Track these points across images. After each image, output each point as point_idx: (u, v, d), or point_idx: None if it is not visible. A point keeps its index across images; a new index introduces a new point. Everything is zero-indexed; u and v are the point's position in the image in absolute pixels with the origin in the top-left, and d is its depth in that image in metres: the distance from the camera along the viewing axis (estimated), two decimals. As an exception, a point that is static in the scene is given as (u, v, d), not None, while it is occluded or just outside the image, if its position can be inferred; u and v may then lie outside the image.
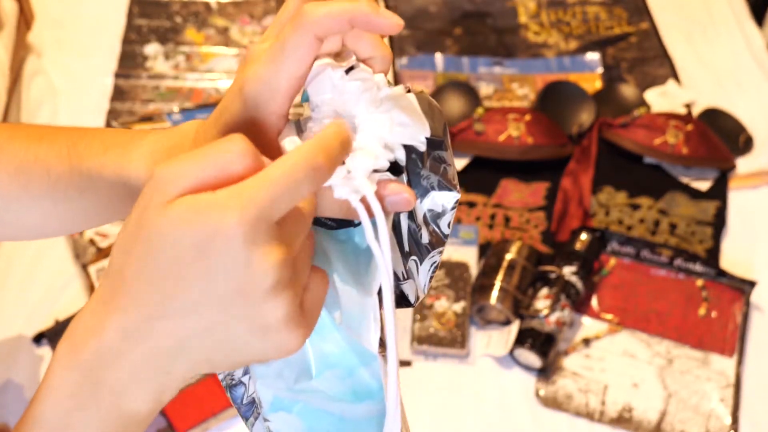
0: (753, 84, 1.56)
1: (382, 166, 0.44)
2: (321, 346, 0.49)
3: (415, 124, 0.43)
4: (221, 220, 0.36)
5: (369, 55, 0.44)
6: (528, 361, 1.16)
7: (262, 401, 0.49)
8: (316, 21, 0.41)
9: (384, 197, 0.43)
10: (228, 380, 0.50)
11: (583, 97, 1.48)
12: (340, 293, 0.46)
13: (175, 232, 0.37)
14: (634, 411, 1.13)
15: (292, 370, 0.49)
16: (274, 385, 0.49)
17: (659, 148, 1.39)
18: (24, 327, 1.19)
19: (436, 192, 0.47)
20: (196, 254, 0.37)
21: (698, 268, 1.25)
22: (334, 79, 0.43)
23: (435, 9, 1.70)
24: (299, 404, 0.50)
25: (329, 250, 0.47)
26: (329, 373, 0.49)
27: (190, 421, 1.08)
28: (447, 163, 0.46)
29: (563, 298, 1.17)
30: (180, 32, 1.63)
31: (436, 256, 0.48)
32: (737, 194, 1.38)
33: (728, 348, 1.19)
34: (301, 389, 0.49)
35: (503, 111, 1.42)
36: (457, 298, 1.21)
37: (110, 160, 0.53)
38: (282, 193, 0.37)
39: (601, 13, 1.70)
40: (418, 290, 0.50)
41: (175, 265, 0.38)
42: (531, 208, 1.36)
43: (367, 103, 0.43)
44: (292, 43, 0.42)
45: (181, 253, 0.37)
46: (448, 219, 0.48)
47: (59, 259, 1.27)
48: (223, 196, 0.37)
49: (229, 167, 0.38)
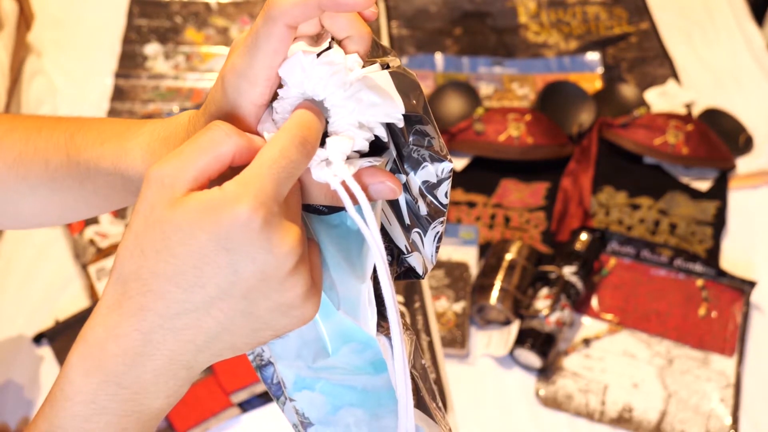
0: (753, 84, 1.56)
1: (362, 147, 0.44)
2: (333, 324, 0.50)
3: (386, 103, 0.43)
4: (237, 212, 0.38)
5: (346, 35, 0.44)
6: (528, 361, 1.16)
7: (285, 382, 0.50)
8: (285, 11, 0.41)
9: (368, 186, 0.44)
10: (258, 361, 0.51)
11: (583, 97, 1.48)
12: (334, 279, 0.47)
13: (193, 229, 0.38)
14: (634, 411, 1.13)
15: (310, 350, 0.50)
16: (294, 365, 0.50)
17: (659, 148, 1.39)
18: (24, 327, 1.19)
19: (428, 164, 0.47)
20: (217, 248, 0.38)
21: (698, 268, 1.25)
22: (304, 64, 0.43)
23: (435, 9, 1.70)
24: (321, 381, 0.51)
25: (322, 236, 0.48)
26: (346, 349, 0.50)
27: (190, 421, 1.08)
28: (431, 137, 0.46)
29: (563, 298, 1.17)
30: (180, 32, 1.63)
31: (438, 226, 0.49)
32: (737, 194, 1.38)
33: (728, 348, 1.19)
34: (321, 367, 0.50)
35: (503, 111, 1.42)
36: (457, 298, 1.21)
37: (107, 152, 0.53)
38: (283, 174, 0.39)
39: (601, 13, 1.70)
40: (426, 262, 0.50)
41: (196, 260, 0.38)
42: (531, 208, 1.36)
43: (336, 86, 0.43)
44: (263, 35, 0.42)
45: (202, 249, 0.38)
46: (444, 189, 0.48)
47: (59, 259, 1.27)
48: (233, 189, 0.38)
49: (219, 151, 0.40)
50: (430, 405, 0.51)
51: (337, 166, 0.42)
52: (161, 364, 0.40)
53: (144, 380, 0.41)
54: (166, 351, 0.40)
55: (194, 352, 0.41)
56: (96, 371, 0.40)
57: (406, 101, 0.44)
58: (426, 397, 0.51)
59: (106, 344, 0.40)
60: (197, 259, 0.38)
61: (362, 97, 0.43)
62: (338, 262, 0.47)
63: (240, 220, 0.38)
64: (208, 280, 0.39)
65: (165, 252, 0.39)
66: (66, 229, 1.29)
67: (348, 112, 0.43)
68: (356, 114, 0.43)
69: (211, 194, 0.38)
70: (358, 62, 0.44)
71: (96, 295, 1.22)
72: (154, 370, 0.40)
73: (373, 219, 0.43)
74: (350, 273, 0.47)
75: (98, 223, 1.28)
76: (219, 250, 0.38)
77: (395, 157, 0.47)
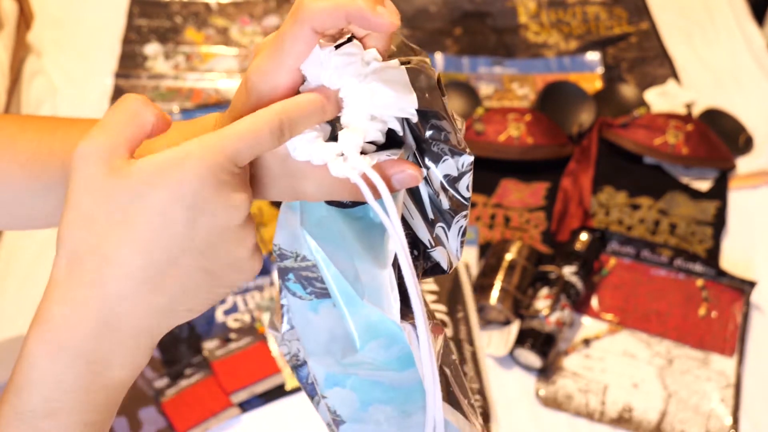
0: (753, 84, 1.56)
1: (376, 139, 0.44)
2: (360, 318, 0.50)
3: (400, 97, 0.44)
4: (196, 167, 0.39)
5: (365, 33, 0.45)
6: (528, 361, 1.16)
7: (317, 379, 0.51)
8: (314, 15, 0.42)
9: (390, 176, 0.45)
10: (294, 361, 0.52)
11: (583, 97, 1.48)
12: (359, 269, 0.47)
13: (151, 189, 0.38)
14: (634, 411, 1.13)
15: (339, 345, 0.51)
16: (324, 361, 0.51)
17: (659, 148, 1.39)
18: (24, 327, 1.18)
19: (449, 157, 0.48)
20: (175, 205, 0.39)
21: (698, 268, 1.25)
22: (322, 57, 0.43)
23: (435, 9, 1.70)
24: (351, 378, 0.51)
25: (346, 228, 0.48)
26: (374, 344, 0.50)
27: (190, 421, 1.08)
28: (447, 131, 0.47)
29: (563, 298, 1.17)
30: (180, 32, 1.63)
31: (462, 220, 0.49)
32: (737, 194, 1.38)
33: (728, 348, 1.19)
34: (349, 363, 0.51)
35: (503, 111, 1.42)
36: (457, 298, 1.21)
37: None
38: (244, 146, 0.40)
39: (601, 13, 1.70)
40: (451, 256, 0.50)
41: (154, 221, 0.39)
42: (531, 208, 1.36)
43: (350, 76, 0.44)
44: (290, 37, 0.43)
45: (160, 208, 0.39)
46: (465, 182, 0.48)
47: (59, 259, 1.27)
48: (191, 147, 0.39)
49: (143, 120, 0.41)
50: (462, 401, 0.52)
51: (354, 160, 0.43)
52: (128, 333, 0.40)
53: (111, 352, 0.41)
54: (133, 320, 0.40)
55: (158, 317, 0.41)
56: (62, 352, 0.40)
57: (420, 96, 0.44)
58: (457, 392, 0.51)
59: (69, 322, 0.40)
60: (155, 219, 0.39)
61: (376, 90, 0.43)
62: (362, 254, 0.47)
63: (199, 174, 0.39)
64: (169, 240, 0.39)
65: (120, 219, 0.39)
66: (66, 229, 1.28)
67: (361, 103, 0.44)
68: (369, 106, 0.44)
69: (167, 154, 0.39)
70: (376, 57, 0.44)
71: (96, 295, 1.21)
72: (120, 341, 0.40)
73: (394, 208, 0.43)
74: (373, 263, 0.47)
75: (98, 223, 1.28)
76: (177, 207, 0.39)
77: (415, 151, 0.47)
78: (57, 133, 0.57)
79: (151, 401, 1.10)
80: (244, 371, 1.12)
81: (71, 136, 0.56)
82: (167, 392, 1.11)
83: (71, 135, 0.56)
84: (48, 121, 0.59)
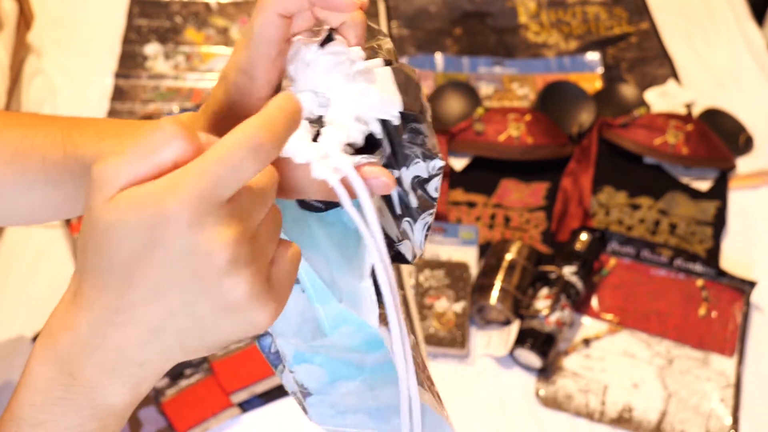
0: (753, 84, 1.56)
1: (355, 140, 0.44)
2: (330, 308, 0.51)
3: (386, 98, 0.44)
4: (163, 206, 0.37)
5: (341, 21, 0.45)
6: (528, 361, 1.16)
7: (286, 355, 0.52)
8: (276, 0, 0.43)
9: (367, 180, 0.44)
10: None
11: (583, 97, 1.48)
12: (336, 275, 0.47)
13: (121, 225, 0.37)
14: (634, 411, 1.13)
15: (309, 328, 0.51)
16: (293, 341, 0.51)
17: (659, 148, 1.39)
18: (24, 327, 1.19)
19: (420, 160, 0.48)
20: (145, 244, 0.37)
21: (698, 268, 1.25)
22: (308, 55, 0.44)
23: (435, 9, 1.70)
24: (320, 356, 0.52)
25: (319, 234, 0.48)
26: (343, 329, 0.51)
27: (190, 421, 1.08)
28: (425, 135, 0.47)
29: (563, 298, 1.17)
30: (180, 32, 1.63)
31: (428, 217, 0.50)
32: (737, 194, 1.38)
33: (728, 348, 1.19)
34: (319, 345, 0.51)
35: (503, 111, 1.42)
36: (457, 298, 1.21)
37: (107, 148, 0.54)
38: (223, 175, 0.37)
39: (601, 13, 1.70)
40: (415, 248, 0.51)
41: (126, 257, 0.38)
42: (531, 208, 1.36)
43: (340, 76, 0.44)
44: (258, 25, 0.44)
45: (131, 245, 0.37)
46: (434, 184, 0.49)
47: (59, 259, 1.27)
48: (162, 184, 0.37)
49: (159, 158, 0.38)
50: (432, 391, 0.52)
51: (337, 158, 0.42)
52: (109, 357, 0.40)
53: (95, 373, 0.40)
54: (113, 344, 0.40)
55: (141, 347, 0.40)
56: (52, 359, 0.41)
57: (404, 99, 0.45)
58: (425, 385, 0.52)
59: (60, 334, 0.41)
60: (129, 256, 0.38)
61: (363, 91, 0.44)
62: (339, 261, 0.47)
63: (166, 214, 0.37)
64: (143, 276, 0.38)
65: (99, 252, 0.38)
66: (66, 229, 1.28)
67: (348, 103, 0.44)
68: (355, 106, 0.44)
69: (141, 189, 0.37)
70: (360, 55, 0.45)
71: (96, 295, 1.21)
72: (102, 362, 0.40)
73: (373, 214, 0.42)
74: (350, 272, 0.47)
75: (98, 223, 1.28)
76: (148, 245, 0.37)
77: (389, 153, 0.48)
78: (39, 129, 0.57)
79: (151, 401, 1.10)
80: (244, 371, 1.12)
81: (53, 131, 0.57)
82: (167, 392, 1.11)
83: (53, 130, 0.57)
84: (31, 117, 0.60)
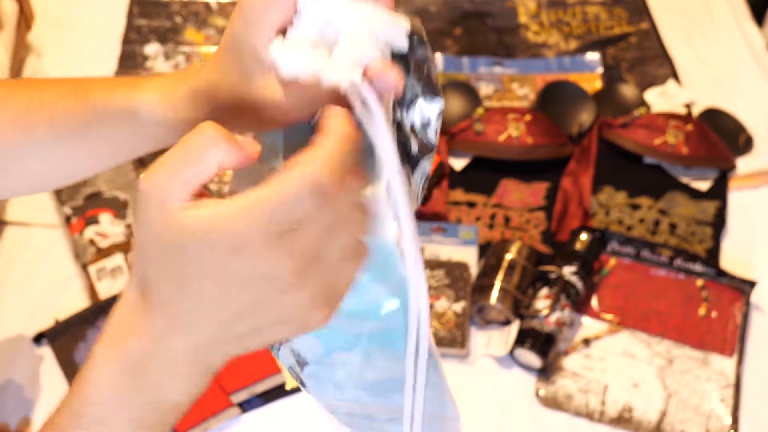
0: (753, 84, 1.56)
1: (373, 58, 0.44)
2: None
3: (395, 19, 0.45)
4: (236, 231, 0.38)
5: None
6: (528, 361, 1.16)
7: None
8: None
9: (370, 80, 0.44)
10: None
11: (583, 97, 1.48)
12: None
13: (193, 244, 0.39)
14: (634, 411, 1.13)
15: None
16: None
17: (659, 148, 1.39)
18: (24, 327, 1.19)
19: (421, 101, 0.48)
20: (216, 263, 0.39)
21: (698, 268, 1.25)
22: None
23: (435, 9, 1.70)
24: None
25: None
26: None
27: (190, 421, 1.08)
28: (429, 60, 0.48)
29: (563, 298, 1.17)
30: (180, 32, 1.63)
31: (426, 163, 0.50)
32: (737, 194, 1.38)
33: (728, 348, 1.19)
34: None
35: (503, 111, 1.42)
36: (457, 298, 1.21)
37: (118, 95, 0.55)
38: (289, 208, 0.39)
39: (601, 13, 1.70)
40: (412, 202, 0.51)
41: (199, 271, 0.40)
42: (531, 208, 1.36)
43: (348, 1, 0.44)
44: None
45: (201, 264, 0.39)
46: (434, 127, 0.49)
47: (59, 259, 1.27)
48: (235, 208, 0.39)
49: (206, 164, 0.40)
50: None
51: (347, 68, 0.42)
52: (175, 360, 0.42)
53: (160, 374, 0.43)
54: (178, 349, 0.42)
55: (204, 352, 0.42)
56: (118, 360, 0.43)
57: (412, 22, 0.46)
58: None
59: (127, 338, 0.42)
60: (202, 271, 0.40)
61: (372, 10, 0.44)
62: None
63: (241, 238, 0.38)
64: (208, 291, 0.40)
65: (167, 263, 0.40)
66: (66, 229, 1.29)
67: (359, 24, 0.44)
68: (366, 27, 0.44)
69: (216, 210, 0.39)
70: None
71: (96, 295, 1.22)
72: (168, 365, 0.42)
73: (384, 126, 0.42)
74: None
75: (98, 223, 1.28)
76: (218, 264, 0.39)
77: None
78: (47, 90, 0.58)
79: (151, 401, 1.10)
80: (244, 371, 1.12)
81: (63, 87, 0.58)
82: (167, 392, 1.11)
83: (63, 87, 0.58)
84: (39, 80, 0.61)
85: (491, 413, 1.13)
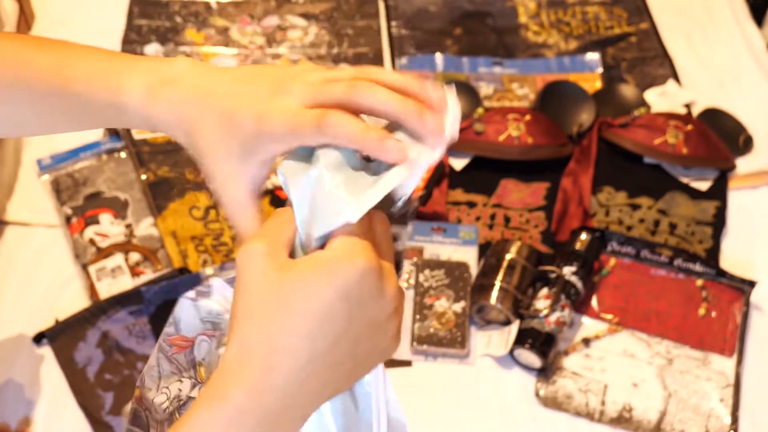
0: (753, 84, 1.56)
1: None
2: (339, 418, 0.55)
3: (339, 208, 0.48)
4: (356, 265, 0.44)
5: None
6: (528, 361, 1.16)
7: None
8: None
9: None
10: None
11: (583, 97, 1.48)
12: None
13: (316, 286, 0.43)
14: (634, 411, 1.13)
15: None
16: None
17: (659, 148, 1.39)
18: (24, 327, 1.19)
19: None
20: (337, 300, 0.43)
21: (698, 268, 1.25)
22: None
23: (435, 9, 1.70)
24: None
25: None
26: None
27: None
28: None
29: (563, 298, 1.17)
30: (180, 32, 1.63)
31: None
32: (737, 194, 1.38)
33: (728, 348, 1.19)
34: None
35: (503, 111, 1.42)
36: (457, 298, 1.21)
37: (101, 87, 0.56)
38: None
39: (601, 13, 1.70)
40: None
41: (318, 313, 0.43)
42: (531, 208, 1.36)
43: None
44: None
45: (324, 302, 0.43)
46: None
47: (59, 259, 1.27)
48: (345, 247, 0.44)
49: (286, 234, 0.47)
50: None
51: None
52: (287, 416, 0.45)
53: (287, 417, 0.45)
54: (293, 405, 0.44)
55: (311, 400, 0.45)
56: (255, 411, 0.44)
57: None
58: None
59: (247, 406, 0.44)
60: (320, 312, 0.43)
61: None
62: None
63: (359, 272, 0.43)
64: (330, 330, 0.43)
65: (288, 309, 0.43)
66: (66, 229, 1.29)
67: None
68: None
69: (324, 254, 0.45)
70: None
71: (96, 295, 1.21)
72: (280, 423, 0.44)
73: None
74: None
75: (98, 224, 1.28)
76: (338, 301, 0.43)
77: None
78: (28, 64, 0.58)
79: (151, 401, 1.10)
80: None
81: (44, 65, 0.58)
82: (167, 392, 1.11)
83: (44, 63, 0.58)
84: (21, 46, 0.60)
85: (491, 413, 1.13)
